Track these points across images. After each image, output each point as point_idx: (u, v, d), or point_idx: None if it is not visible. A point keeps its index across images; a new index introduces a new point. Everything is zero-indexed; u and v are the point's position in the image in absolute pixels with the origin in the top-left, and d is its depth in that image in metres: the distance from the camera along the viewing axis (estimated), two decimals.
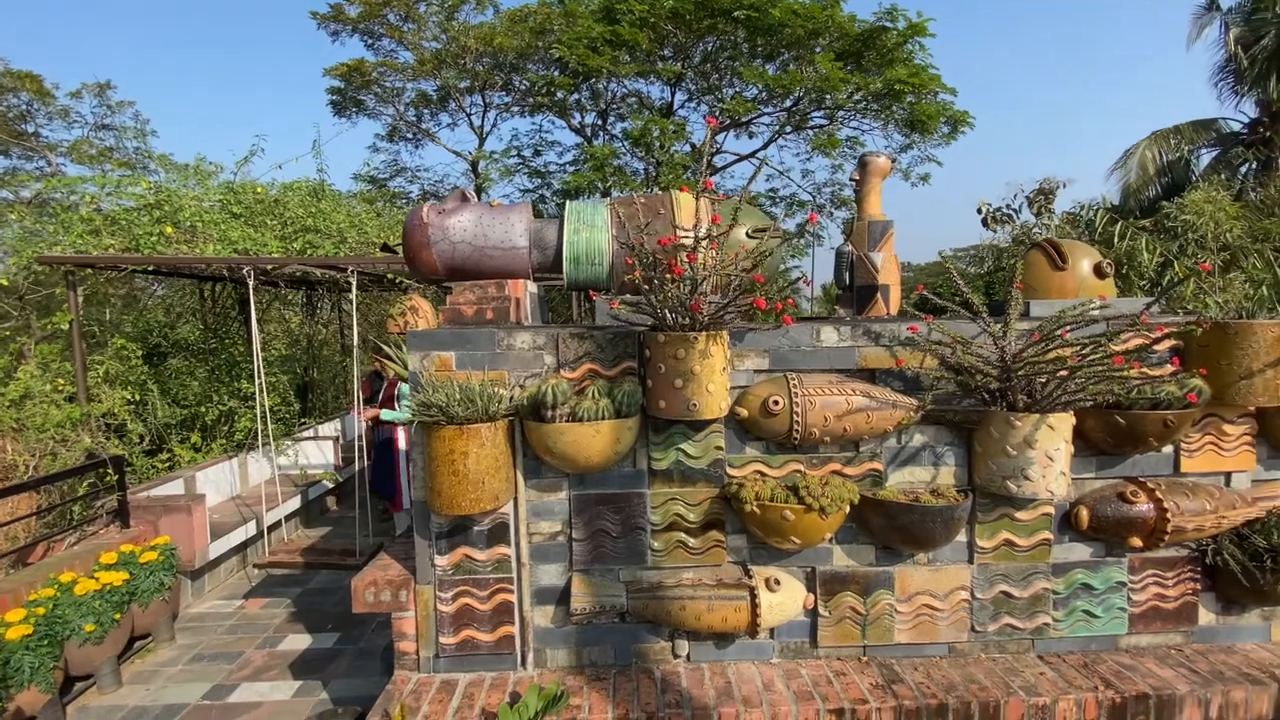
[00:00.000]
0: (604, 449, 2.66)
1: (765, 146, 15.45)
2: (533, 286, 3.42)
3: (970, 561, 2.99)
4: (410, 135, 18.26)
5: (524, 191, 16.61)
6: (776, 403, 2.73)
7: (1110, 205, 11.31)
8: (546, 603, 2.97)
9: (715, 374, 2.60)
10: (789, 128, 14.83)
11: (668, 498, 2.93)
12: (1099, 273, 3.29)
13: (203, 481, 6.09)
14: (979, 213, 12.00)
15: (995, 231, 12.13)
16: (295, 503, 6.71)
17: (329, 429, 8.19)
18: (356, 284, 5.89)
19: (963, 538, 2.97)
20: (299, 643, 4.62)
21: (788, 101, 14.08)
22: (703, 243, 2.67)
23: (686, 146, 13.90)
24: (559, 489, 2.94)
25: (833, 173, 15.75)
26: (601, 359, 2.88)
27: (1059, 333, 2.66)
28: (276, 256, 6.61)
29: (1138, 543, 2.92)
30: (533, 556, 2.95)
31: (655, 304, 2.63)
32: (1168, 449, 3.01)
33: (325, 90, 16.77)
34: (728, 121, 14.20)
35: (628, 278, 2.97)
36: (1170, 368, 2.90)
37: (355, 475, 6.07)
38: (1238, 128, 15.81)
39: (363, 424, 6.00)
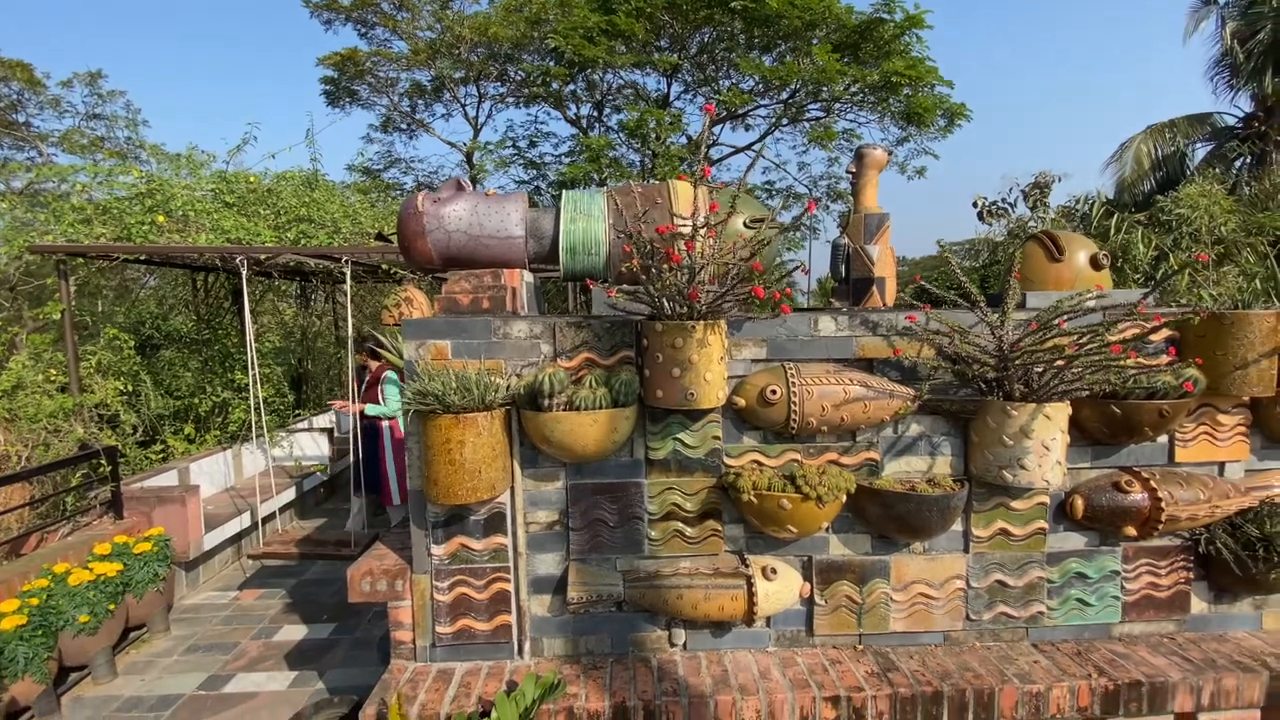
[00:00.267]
0: (601, 438, 2.66)
1: (762, 139, 15.42)
2: (529, 276, 3.41)
3: (966, 551, 3.00)
4: (404, 126, 18.13)
5: (519, 183, 16.53)
6: (774, 392, 2.73)
7: (1105, 200, 11.34)
8: (543, 592, 2.97)
9: (713, 363, 2.59)
10: (785, 120, 14.79)
11: (665, 487, 2.93)
12: (1095, 264, 3.29)
13: (197, 473, 6.07)
14: (975, 206, 12.02)
15: (991, 225, 12.15)
16: (290, 494, 6.70)
17: (323, 420, 8.17)
18: (351, 275, 5.86)
19: (958, 527, 2.98)
20: (295, 633, 4.61)
21: (784, 94, 14.04)
22: (701, 231, 2.66)
23: (683, 138, 13.86)
24: (556, 478, 2.94)
25: (829, 165, 15.72)
26: (598, 348, 2.88)
27: (1056, 322, 2.66)
28: (270, 246, 6.57)
29: (1132, 532, 2.93)
30: (529, 546, 2.95)
31: (653, 292, 2.62)
32: (1163, 439, 3.02)
33: (319, 80, 16.66)
34: (724, 113, 14.15)
35: (625, 267, 2.96)
36: (1166, 358, 2.91)
37: (350, 467, 6.07)
38: (1233, 122, 15.85)
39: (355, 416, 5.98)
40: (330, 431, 8.03)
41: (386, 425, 5.85)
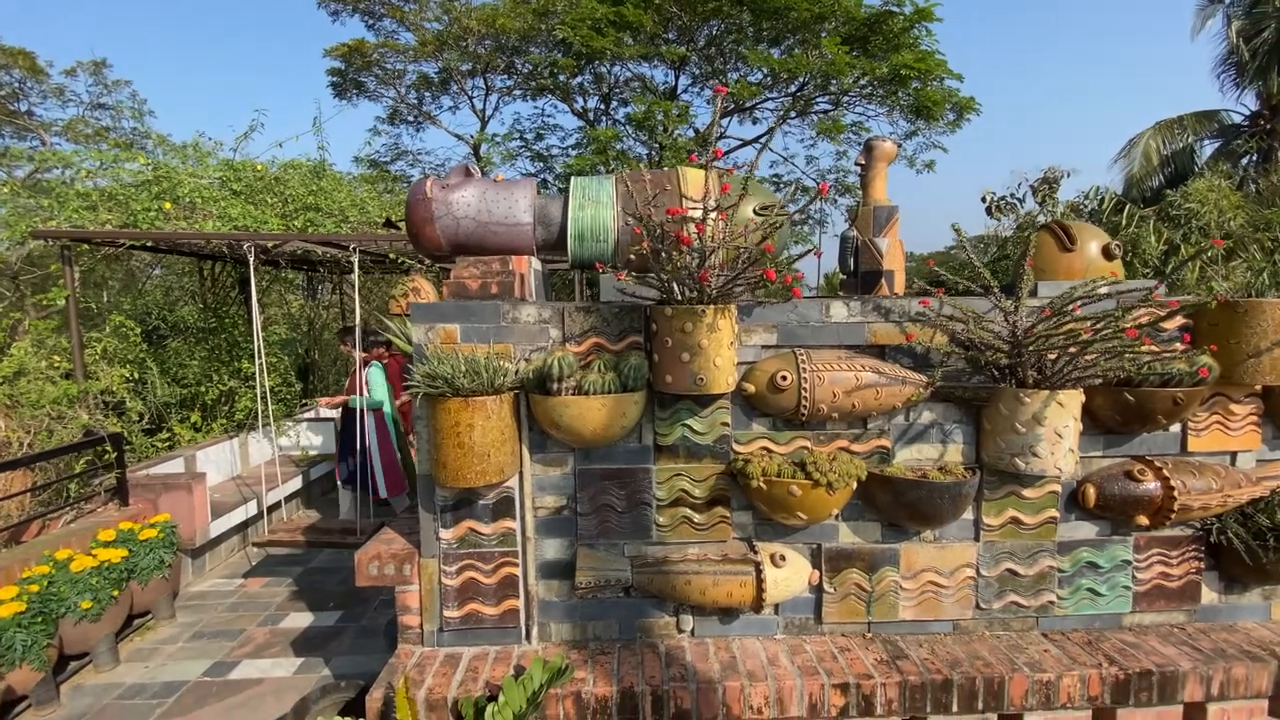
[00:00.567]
0: (610, 423, 2.64)
1: (770, 132, 15.38)
2: (537, 263, 3.39)
3: (976, 539, 2.98)
4: (412, 118, 18.15)
5: (526, 175, 16.52)
6: (784, 378, 2.71)
7: (1114, 195, 11.28)
8: (551, 577, 2.96)
9: (722, 348, 2.57)
10: (793, 113, 14.75)
11: (673, 473, 2.92)
12: (1107, 254, 3.27)
13: (203, 460, 6.08)
14: (983, 201, 11.94)
15: (1000, 220, 12.08)
16: (296, 483, 6.70)
17: (329, 411, 8.17)
18: (359, 265, 5.85)
19: (969, 515, 2.96)
20: (301, 620, 4.62)
21: (792, 86, 13.99)
22: (711, 214, 2.64)
23: (690, 131, 13.82)
24: (564, 463, 2.92)
25: (837, 159, 15.71)
26: (607, 333, 2.86)
27: (1070, 308, 2.63)
28: (277, 233, 6.56)
29: (1144, 521, 2.91)
30: (538, 530, 2.94)
31: (663, 276, 2.60)
32: (1175, 428, 3.00)
33: (326, 72, 16.65)
34: (732, 106, 14.11)
35: (633, 250, 2.94)
36: (1180, 346, 2.88)
37: (356, 456, 6.07)
38: (1239, 119, 15.77)
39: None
40: (335, 421, 8.03)
41: (372, 418, 5.87)
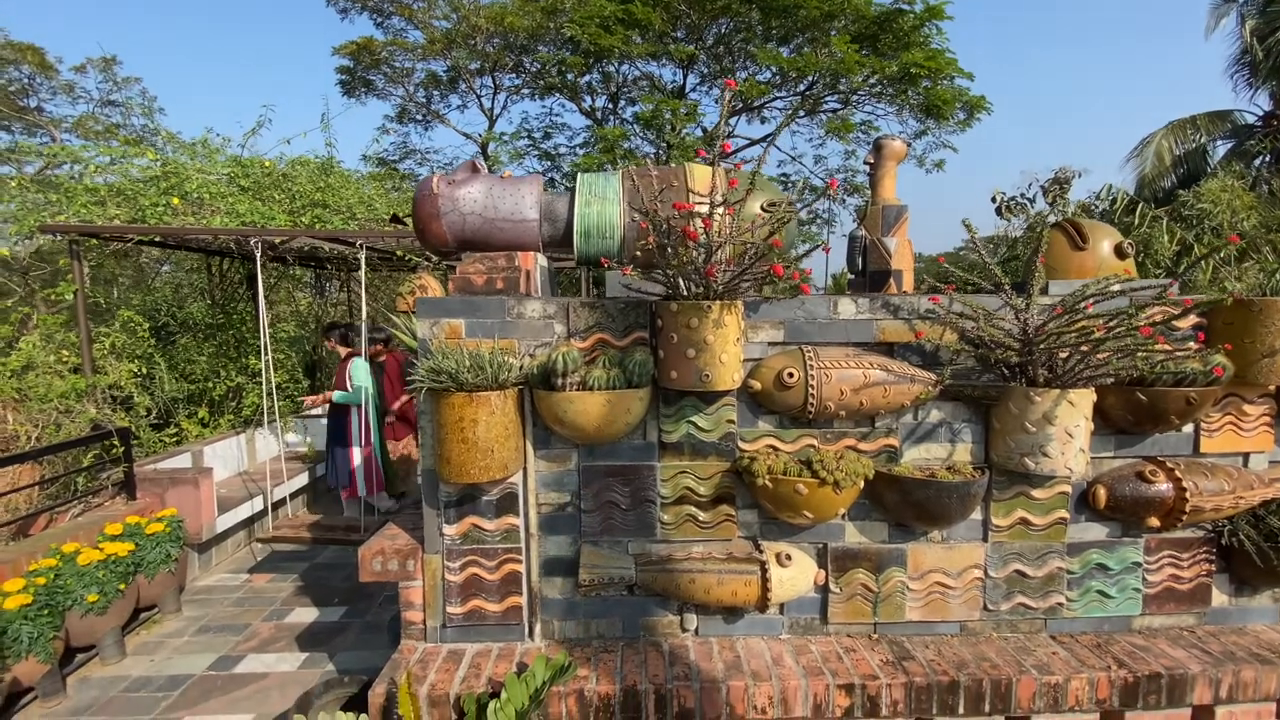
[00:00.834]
0: (614, 419, 2.62)
1: (777, 131, 15.33)
2: (543, 260, 3.37)
3: (985, 540, 2.95)
4: (420, 117, 18.19)
5: (533, 173, 16.52)
6: (791, 375, 2.68)
7: (1125, 195, 11.19)
8: (554, 574, 2.94)
9: (729, 344, 2.55)
10: (802, 112, 14.70)
11: (678, 471, 2.90)
12: (1119, 253, 3.23)
13: (210, 456, 6.10)
14: (993, 201, 11.86)
15: (1009, 221, 12.00)
16: (303, 479, 6.72)
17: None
18: (365, 262, 5.85)
19: (978, 515, 2.93)
20: (306, 616, 4.62)
21: (801, 85, 13.95)
22: (718, 209, 2.62)
23: (698, 130, 13.79)
24: (568, 460, 2.91)
25: (846, 158, 15.64)
26: (612, 329, 2.84)
27: (1082, 305, 2.60)
28: (285, 229, 6.57)
29: (1155, 523, 2.87)
30: (541, 527, 2.92)
31: (669, 272, 2.58)
32: (1188, 429, 2.96)
33: (335, 70, 16.69)
34: (740, 105, 14.07)
35: (639, 245, 2.92)
36: (1194, 345, 2.84)
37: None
38: (1253, 119, 15.62)
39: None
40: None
41: (355, 414, 5.88)
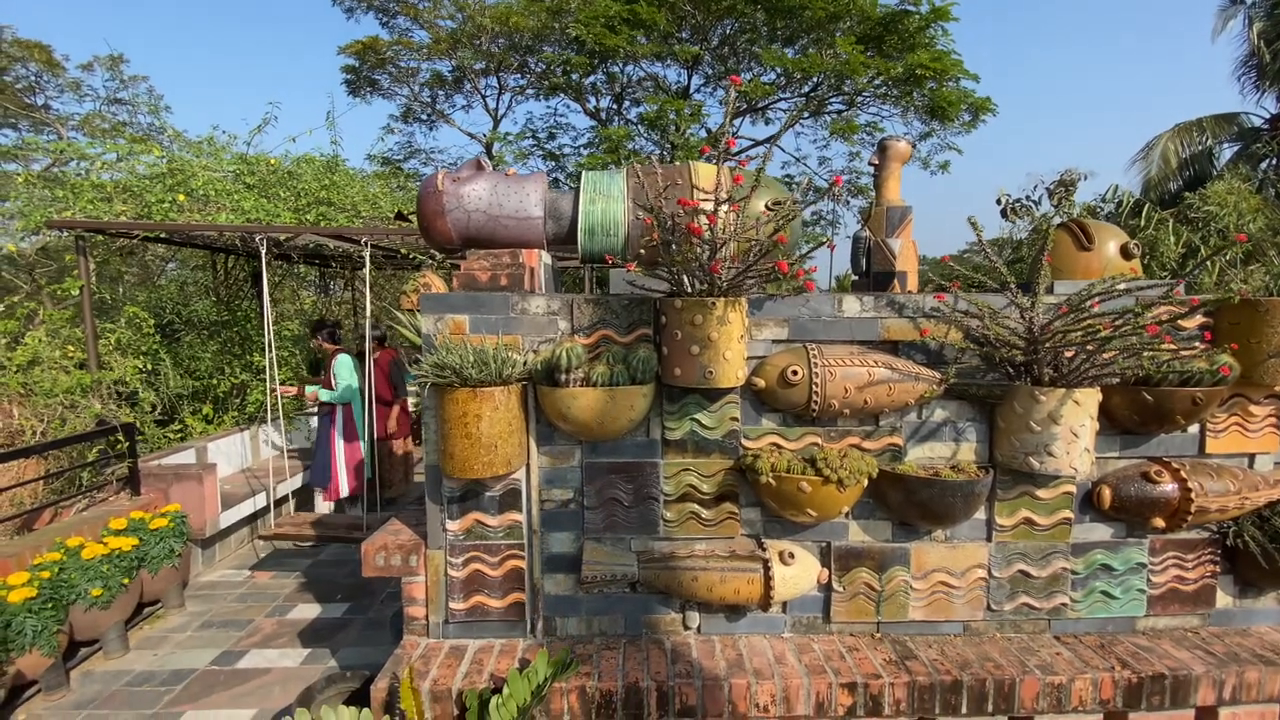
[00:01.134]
0: (617, 415, 2.62)
1: (781, 131, 15.31)
2: (547, 258, 3.38)
3: (988, 540, 2.94)
4: (425, 116, 18.22)
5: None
6: (795, 373, 2.68)
7: (1131, 197, 11.16)
8: (557, 570, 2.94)
9: (733, 341, 2.55)
10: (807, 113, 14.69)
11: (681, 468, 2.89)
12: (1125, 253, 3.22)
13: (214, 452, 6.10)
14: (998, 203, 11.84)
15: (1015, 223, 11.98)
16: (305, 476, 6.72)
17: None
18: (370, 260, 5.86)
19: (981, 515, 2.92)
20: (308, 612, 4.63)
21: (806, 86, 13.94)
22: (722, 206, 2.61)
23: (702, 130, 13.79)
24: (571, 456, 2.91)
25: (850, 160, 15.62)
26: (616, 325, 2.84)
27: (1088, 304, 2.59)
28: (289, 225, 6.58)
29: (1160, 524, 2.86)
30: (544, 523, 2.92)
31: (673, 269, 2.58)
32: (1193, 429, 2.95)
33: (340, 69, 16.73)
34: (744, 106, 14.07)
35: (644, 242, 2.92)
36: (1200, 345, 2.83)
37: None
38: (1259, 122, 15.56)
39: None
40: None
41: (339, 413, 5.89)
